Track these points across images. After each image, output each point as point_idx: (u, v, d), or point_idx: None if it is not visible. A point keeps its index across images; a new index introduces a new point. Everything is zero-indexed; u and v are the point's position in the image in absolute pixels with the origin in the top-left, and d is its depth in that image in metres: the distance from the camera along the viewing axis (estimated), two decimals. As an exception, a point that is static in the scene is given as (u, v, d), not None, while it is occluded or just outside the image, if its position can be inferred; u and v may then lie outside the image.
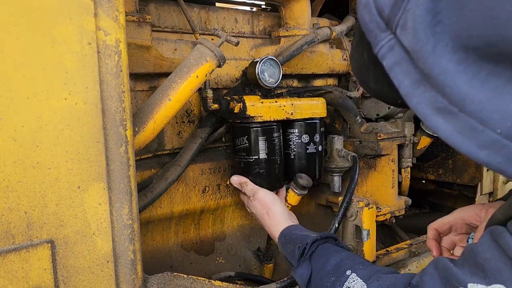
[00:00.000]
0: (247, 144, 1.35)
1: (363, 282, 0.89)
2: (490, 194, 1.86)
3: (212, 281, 1.08)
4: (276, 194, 1.43)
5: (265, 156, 1.37)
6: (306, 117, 1.44)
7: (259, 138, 1.36)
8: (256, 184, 1.37)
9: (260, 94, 1.44)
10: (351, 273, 0.93)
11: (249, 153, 1.36)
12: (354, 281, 0.90)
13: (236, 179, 1.37)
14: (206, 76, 1.14)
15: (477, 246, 0.71)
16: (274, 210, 1.27)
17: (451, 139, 0.58)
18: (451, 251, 1.09)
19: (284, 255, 1.16)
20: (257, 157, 1.36)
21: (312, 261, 1.04)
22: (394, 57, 0.61)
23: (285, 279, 1.22)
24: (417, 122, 1.89)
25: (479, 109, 0.55)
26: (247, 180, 1.36)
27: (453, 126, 0.57)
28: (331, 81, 1.82)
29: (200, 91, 1.33)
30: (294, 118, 1.42)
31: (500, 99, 0.54)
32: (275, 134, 1.39)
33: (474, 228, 1.07)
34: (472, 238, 1.04)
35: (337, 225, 1.34)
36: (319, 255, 1.03)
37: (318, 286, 0.99)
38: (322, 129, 1.51)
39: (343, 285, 0.91)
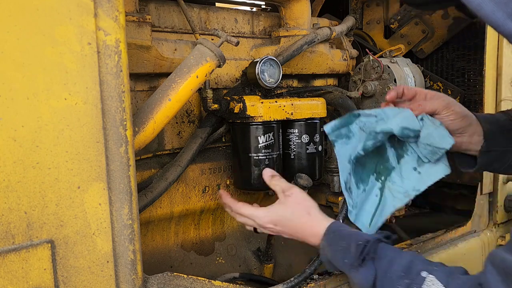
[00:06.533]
0: (273, 140, 1.37)
1: (442, 286, 0.84)
2: (490, 194, 1.86)
3: (212, 281, 1.08)
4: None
5: (279, 153, 1.40)
6: (306, 117, 1.44)
7: (278, 135, 1.39)
8: (262, 182, 1.37)
9: (260, 94, 1.45)
10: (427, 274, 0.87)
11: (273, 149, 1.38)
12: (433, 284, 0.85)
13: (268, 171, 1.29)
14: (206, 76, 1.14)
15: None
16: (316, 208, 1.15)
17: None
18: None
19: (327, 252, 1.06)
20: (278, 152, 1.40)
21: (375, 261, 0.96)
22: None
23: (291, 279, 1.22)
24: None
25: None
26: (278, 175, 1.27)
27: None
28: (331, 81, 1.82)
29: (200, 91, 1.33)
30: (294, 118, 1.42)
31: None
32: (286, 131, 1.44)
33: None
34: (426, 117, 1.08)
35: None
36: (381, 255, 0.96)
37: None
38: (322, 129, 1.51)
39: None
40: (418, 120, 1.09)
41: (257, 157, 1.37)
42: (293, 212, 1.13)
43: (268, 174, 1.28)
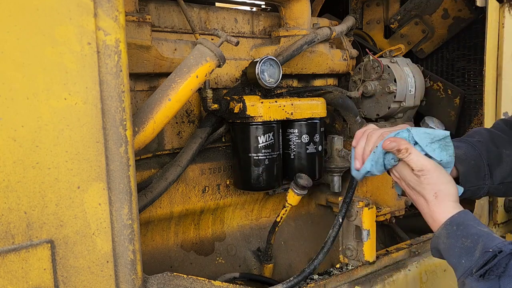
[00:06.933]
0: (273, 140, 1.38)
1: None
2: (490, 194, 1.86)
3: (212, 281, 1.08)
4: None
5: (279, 153, 1.41)
6: (306, 117, 1.44)
7: (278, 135, 1.40)
8: (262, 182, 1.37)
9: (260, 94, 1.45)
10: None
11: (273, 149, 1.39)
12: None
13: (393, 143, 0.99)
14: (206, 76, 1.14)
15: None
16: (446, 193, 0.98)
17: None
18: None
19: (442, 243, 0.95)
20: (278, 152, 1.41)
21: (501, 279, 0.83)
22: None
23: (291, 279, 1.22)
24: (417, 122, 1.89)
25: None
26: (411, 146, 0.99)
27: None
28: (331, 81, 1.82)
29: (200, 91, 1.33)
30: (294, 118, 1.42)
31: None
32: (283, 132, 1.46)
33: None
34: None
35: (338, 227, 1.35)
36: (510, 273, 0.83)
37: None
38: (322, 129, 1.51)
39: None
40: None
41: (257, 157, 1.37)
42: (423, 192, 1.01)
43: (393, 147, 0.99)
